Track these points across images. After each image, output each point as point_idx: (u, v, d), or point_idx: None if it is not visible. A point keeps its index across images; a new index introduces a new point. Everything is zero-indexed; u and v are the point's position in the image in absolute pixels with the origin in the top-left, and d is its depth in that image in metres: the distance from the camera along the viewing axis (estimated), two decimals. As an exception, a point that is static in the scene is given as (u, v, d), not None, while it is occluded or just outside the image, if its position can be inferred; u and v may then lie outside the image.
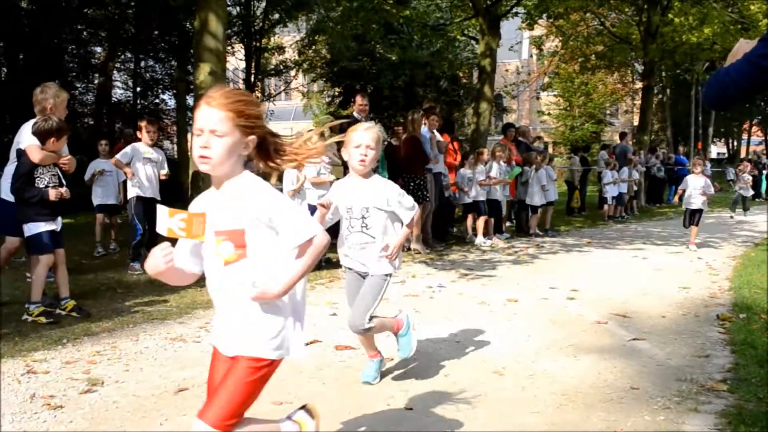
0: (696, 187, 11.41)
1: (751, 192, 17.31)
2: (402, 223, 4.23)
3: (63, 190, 5.95)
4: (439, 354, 5.04)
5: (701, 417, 3.78)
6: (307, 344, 5.10)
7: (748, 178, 17.98)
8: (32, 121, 5.99)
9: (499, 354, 5.04)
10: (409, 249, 10.47)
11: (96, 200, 10.21)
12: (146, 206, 8.38)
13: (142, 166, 8.47)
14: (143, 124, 8.82)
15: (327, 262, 9.04)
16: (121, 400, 4.01)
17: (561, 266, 9.41)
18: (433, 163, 11.05)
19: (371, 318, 4.14)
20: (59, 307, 6.08)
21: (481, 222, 11.73)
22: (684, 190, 11.65)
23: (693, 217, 11.53)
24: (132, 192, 8.49)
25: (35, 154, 5.83)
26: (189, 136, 16.36)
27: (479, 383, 4.37)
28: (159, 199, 8.65)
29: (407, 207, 4.17)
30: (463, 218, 12.60)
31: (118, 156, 8.53)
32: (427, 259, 9.90)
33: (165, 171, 8.87)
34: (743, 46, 2.62)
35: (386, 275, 4.23)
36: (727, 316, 6.16)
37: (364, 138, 4.06)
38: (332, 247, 9.60)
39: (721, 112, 30.77)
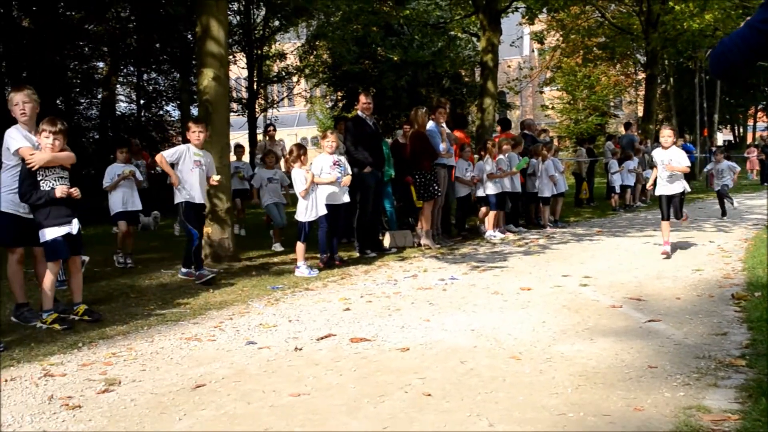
0: (667, 162, 9.16)
1: (731, 183, 14.39)
2: None
3: (73, 189, 5.92)
4: (455, 342, 5.02)
5: (721, 391, 3.75)
6: (321, 338, 5.16)
7: (730, 167, 14.41)
8: (17, 126, 5.96)
9: (515, 340, 5.02)
10: (419, 245, 10.48)
11: (116, 207, 9.31)
12: (197, 211, 8.13)
13: (190, 169, 7.97)
14: (190, 123, 8.37)
15: (340, 261, 9.06)
16: (139, 398, 4.01)
17: (572, 255, 9.39)
18: (446, 157, 11.03)
19: None
20: (72, 313, 6.09)
21: (491, 215, 11.71)
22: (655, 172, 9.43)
23: (670, 205, 9.17)
24: (180, 196, 7.98)
25: (28, 154, 5.78)
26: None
27: (497, 369, 4.35)
28: (206, 204, 8.48)
29: None
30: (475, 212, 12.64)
31: (164, 153, 8.09)
32: (437, 253, 9.89)
33: (218, 177, 8.33)
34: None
35: None
36: (742, 294, 6.13)
37: None
38: (343, 246, 9.65)
39: (726, 82, 30.60)
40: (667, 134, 9.40)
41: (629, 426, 3.34)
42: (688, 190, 9.52)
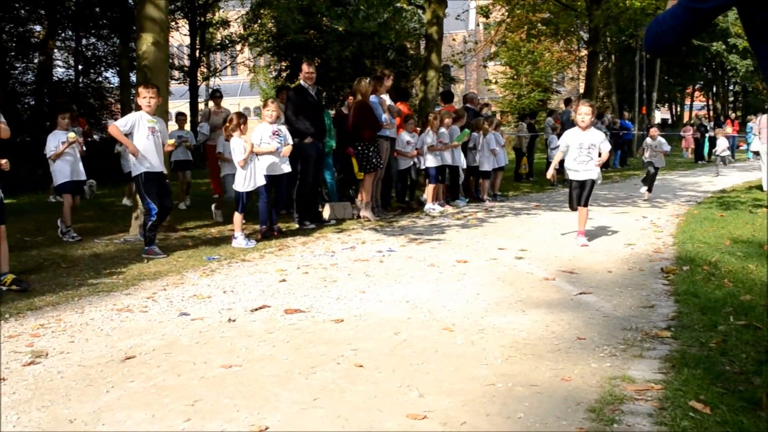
0: (587, 147, 8.05)
1: (663, 162, 13.37)
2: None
3: (3, 161, 5.77)
4: (389, 314, 5.04)
5: (646, 362, 3.85)
6: (255, 310, 5.13)
7: (661, 143, 13.11)
8: None
9: (449, 312, 5.07)
10: (359, 217, 10.48)
11: (63, 177, 8.90)
12: (158, 181, 7.74)
13: (145, 137, 7.60)
14: (140, 89, 7.85)
15: (279, 232, 9.02)
16: (66, 370, 3.94)
17: (510, 228, 9.49)
18: (388, 128, 10.99)
19: None
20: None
21: (430, 188, 11.76)
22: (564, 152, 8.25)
23: (582, 192, 8.15)
24: (137, 167, 7.60)
25: None
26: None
27: (430, 340, 4.38)
28: (166, 173, 8.10)
29: None
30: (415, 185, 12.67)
31: (117, 123, 7.71)
32: (376, 225, 9.90)
33: (172, 141, 8.09)
34: None
35: None
36: (671, 268, 6.28)
37: None
38: (282, 217, 9.58)
39: (660, 58, 31.19)
40: (584, 111, 8.05)
41: (556, 396, 3.41)
42: (600, 180, 8.27)
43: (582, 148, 8.04)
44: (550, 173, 8.50)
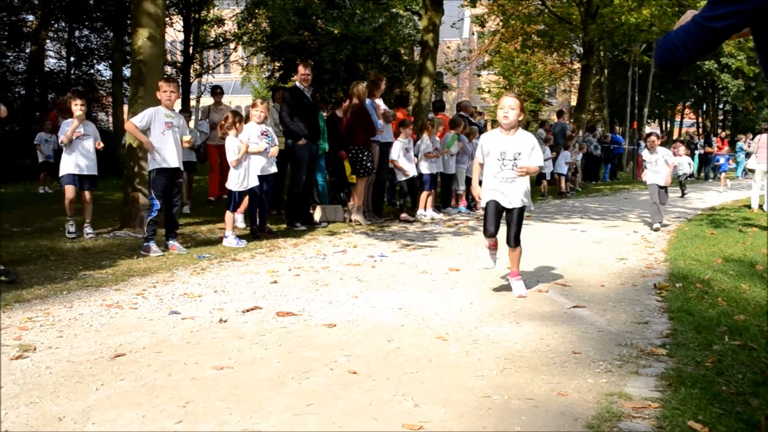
0: (505, 154, 5.90)
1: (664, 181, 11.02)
2: None
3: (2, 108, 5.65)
4: (382, 320, 4.99)
5: (642, 379, 3.82)
6: (246, 311, 5.07)
7: (665, 157, 11.17)
8: None
9: (442, 320, 5.03)
10: (350, 220, 10.43)
11: (69, 168, 8.47)
12: (168, 178, 7.66)
13: (161, 132, 7.57)
14: (161, 83, 7.79)
15: (269, 232, 8.96)
16: (55, 365, 3.87)
17: (501, 238, 9.43)
18: (379, 133, 10.94)
19: None
20: (-12, 273, 5.86)
21: (423, 195, 11.73)
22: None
23: (500, 218, 6.17)
24: (153, 163, 7.58)
25: None
26: (125, 107, 15.79)
27: (423, 348, 4.34)
28: (183, 169, 8.01)
29: None
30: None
31: (133, 120, 7.62)
32: (367, 230, 9.86)
33: (188, 138, 7.99)
34: (689, 17, 2.64)
35: None
36: (664, 285, 6.26)
37: None
38: (272, 217, 9.51)
39: (667, 74, 31.43)
40: (508, 104, 5.87)
41: (552, 410, 3.37)
42: (532, 208, 5.82)
43: (504, 159, 5.86)
44: (477, 191, 6.16)
